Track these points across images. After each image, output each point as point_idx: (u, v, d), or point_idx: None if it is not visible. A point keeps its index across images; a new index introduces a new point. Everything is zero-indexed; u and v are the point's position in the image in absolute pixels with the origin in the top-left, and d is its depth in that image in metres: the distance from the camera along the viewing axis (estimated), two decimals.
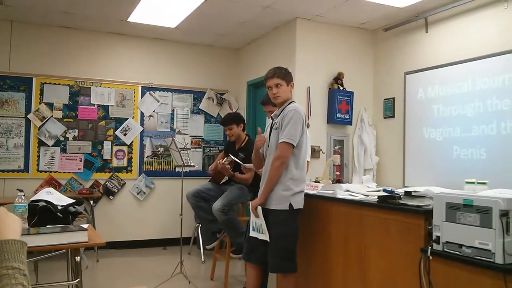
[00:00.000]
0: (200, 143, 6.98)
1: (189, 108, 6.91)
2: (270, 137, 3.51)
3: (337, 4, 5.05)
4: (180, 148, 4.92)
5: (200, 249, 6.00)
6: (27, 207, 2.69)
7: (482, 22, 4.61)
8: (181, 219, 5.04)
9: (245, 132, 4.98)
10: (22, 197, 2.65)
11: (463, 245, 2.32)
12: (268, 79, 3.51)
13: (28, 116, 5.94)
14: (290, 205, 3.32)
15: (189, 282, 4.72)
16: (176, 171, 6.67)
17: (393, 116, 5.64)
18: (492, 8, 4.52)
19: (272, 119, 3.56)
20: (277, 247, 3.35)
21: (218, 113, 7.03)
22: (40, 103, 6.02)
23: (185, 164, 4.93)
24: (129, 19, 5.72)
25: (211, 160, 6.82)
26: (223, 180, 4.89)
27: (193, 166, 5.25)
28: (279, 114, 3.45)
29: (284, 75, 3.49)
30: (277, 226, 3.34)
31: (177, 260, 4.91)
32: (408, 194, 2.93)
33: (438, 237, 2.46)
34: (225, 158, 4.66)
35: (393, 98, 5.65)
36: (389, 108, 5.71)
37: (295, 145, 3.32)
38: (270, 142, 3.49)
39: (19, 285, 1.03)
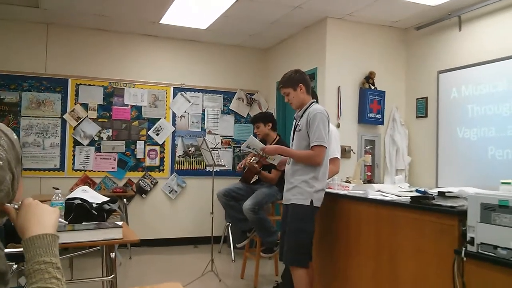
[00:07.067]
0: (230, 143, 7.04)
1: (220, 108, 6.98)
2: (293, 138, 3.59)
3: (369, 2, 5.01)
4: (211, 148, 4.97)
5: (230, 247, 6.05)
6: (63, 204, 2.76)
7: None
8: (212, 218, 5.09)
9: (276, 132, 5.01)
10: (59, 194, 2.72)
11: (498, 247, 2.27)
12: (280, 90, 3.68)
13: (63, 116, 6.12)
14: (311, 201, 3.40)
15: (220, 280, 4.77)
16: (207, 170, 6.75)
17: (426, 116, 5.56)
18: None
19: (295, 120, 3.63)
20: (293, 241, 3.44)
21: (248, 113, 7.06)
22: (75, 104, 6.18)
23: (216, 164, 4.98)
24: (161, 21, 5.81)
25: (242, 160, 6.85)
26: (253, 180, 4.93)
27: (224, 165, 5.29)
28: (302, 115, 3.52)
29: (287, 82, 3.56)
30: (295, 221, 3.44)
31: (208, 258, 4.97)
32: (441, 194, 2.87)
33: (472, 238, 2.42)
34: (254, 157, 4.68)
35: (426, 98, 5.56)
36: (421, 108, 5.62)
37: (327, 146, 3.41)
38: (294, 144, 3.57)
39: (53, 279, 1.04)
